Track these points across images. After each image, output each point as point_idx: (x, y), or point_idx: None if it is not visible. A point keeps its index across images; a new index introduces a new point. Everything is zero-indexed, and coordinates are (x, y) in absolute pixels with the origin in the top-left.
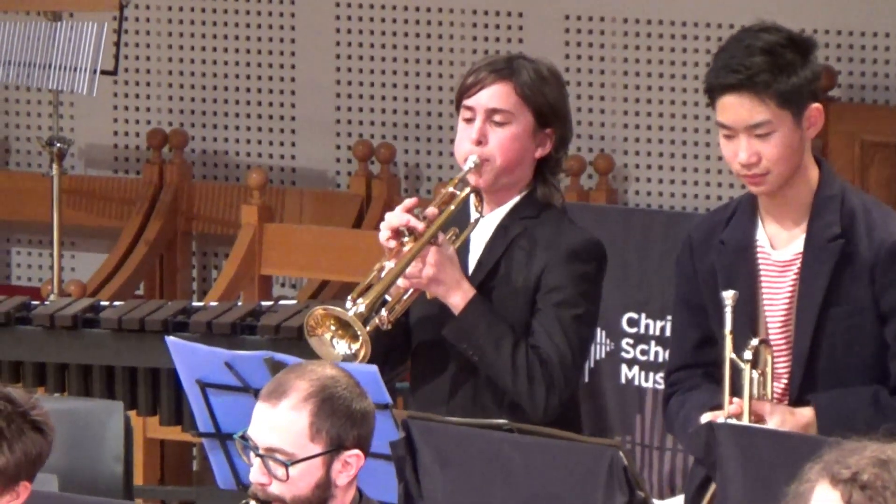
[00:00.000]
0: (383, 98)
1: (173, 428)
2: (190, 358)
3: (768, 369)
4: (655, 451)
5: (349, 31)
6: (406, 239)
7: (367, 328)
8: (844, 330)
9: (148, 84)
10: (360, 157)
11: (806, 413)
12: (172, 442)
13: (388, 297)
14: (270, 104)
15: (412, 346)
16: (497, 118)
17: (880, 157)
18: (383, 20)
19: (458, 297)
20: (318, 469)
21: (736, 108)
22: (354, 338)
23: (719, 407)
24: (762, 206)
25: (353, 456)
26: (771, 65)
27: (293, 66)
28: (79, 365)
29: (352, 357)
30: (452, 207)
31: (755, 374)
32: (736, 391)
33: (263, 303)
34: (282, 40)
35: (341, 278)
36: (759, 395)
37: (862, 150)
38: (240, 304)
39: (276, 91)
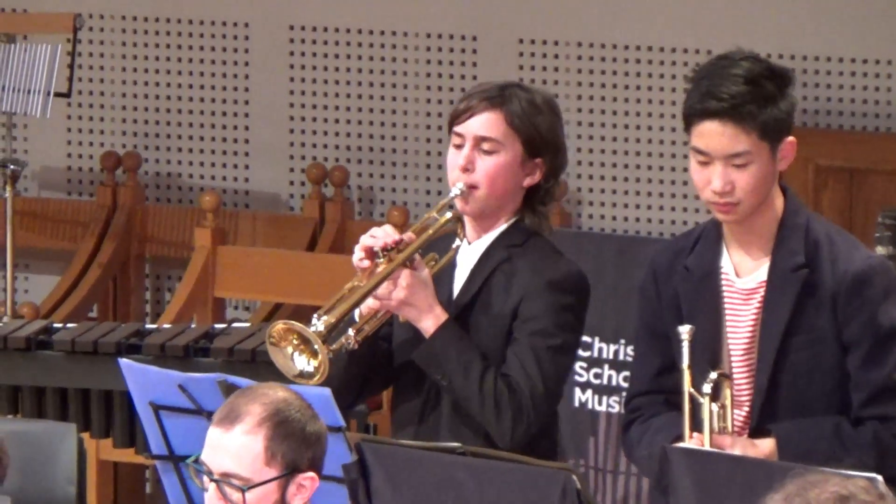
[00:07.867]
0: (336, 121)
1: (126, 450)
2: (143, 380)
3: (728, 402)
4: (609, 474)
5: (303, 54)
6: (380, 260)
7: (334, 346)
8: (806, 359)
9: (102, 106)
10: (314, 181)
11: (767, 444)
12: (126, 464)
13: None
14: (224, 127)
15: (394, 366)
16: (485, 146)
17: (833, 182)
18: (337, 43)
19: (430, 321)
20: (274, 493)
21: (717, 135)
22: (314, 354)
23: (681, 438)
24: (727, 233)
25: (308, 478)
26: (755, 95)
27: (247, 89)
28: (32, 387)
29: (310, 373)
30: (430, 232)
31: (714, 407)
32: (696, 424)
33: (217, 325)
34: (235, 63)
35: (295, 301)
36: (719, 428)
37: (815, 175)
38: (193, 326)
39: (229, 114)
